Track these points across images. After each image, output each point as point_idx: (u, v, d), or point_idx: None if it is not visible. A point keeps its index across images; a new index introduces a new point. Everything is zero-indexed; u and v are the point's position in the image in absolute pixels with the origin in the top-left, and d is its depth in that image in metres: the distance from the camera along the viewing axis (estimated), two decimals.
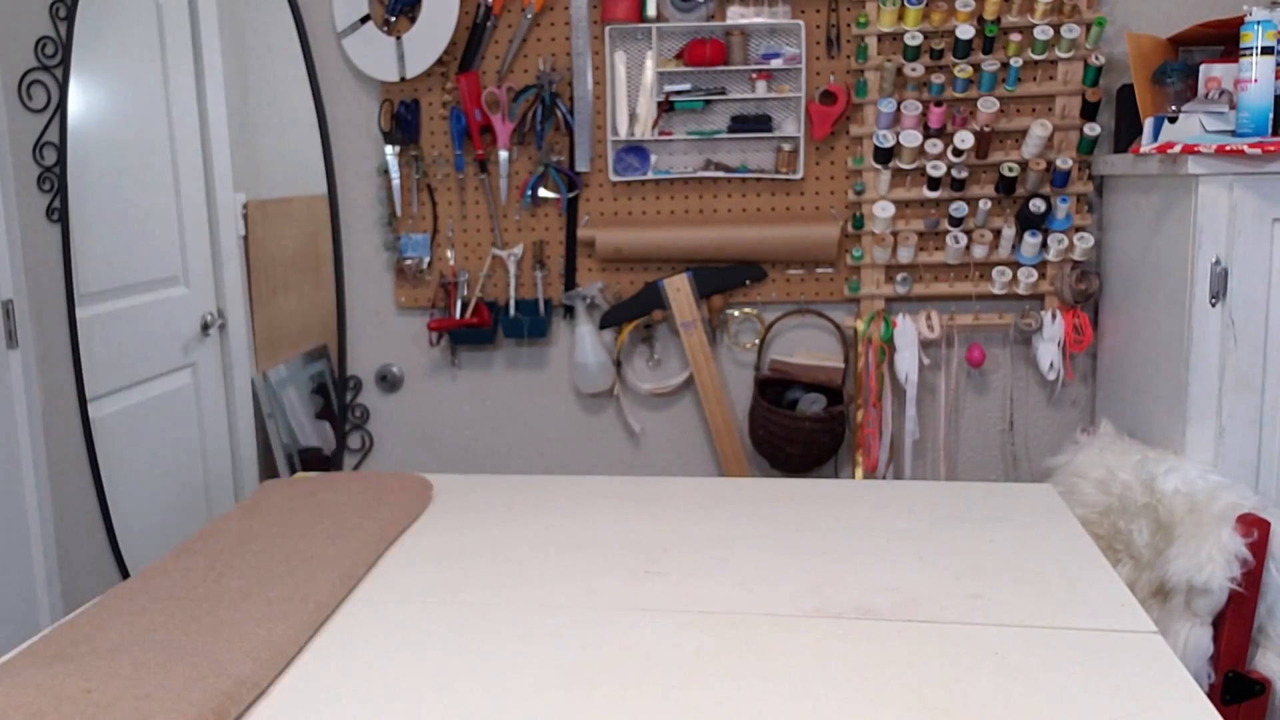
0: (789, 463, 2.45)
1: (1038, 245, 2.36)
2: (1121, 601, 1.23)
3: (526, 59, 2.50)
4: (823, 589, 1.29)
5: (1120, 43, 2.29)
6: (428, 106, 2.55)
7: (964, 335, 2.47)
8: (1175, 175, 1.95)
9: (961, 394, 2.52)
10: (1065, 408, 2.49)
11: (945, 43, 2.34)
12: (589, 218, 2.55)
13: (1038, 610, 1.21)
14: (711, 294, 2.52)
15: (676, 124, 2.47)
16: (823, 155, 2.45)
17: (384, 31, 2.49)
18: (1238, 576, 1.70)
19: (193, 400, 2.71)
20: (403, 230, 2.60)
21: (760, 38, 2.42)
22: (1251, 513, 1.72)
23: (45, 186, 2.59)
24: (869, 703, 1.02)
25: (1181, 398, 1.95)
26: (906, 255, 2.42)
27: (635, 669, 1.12)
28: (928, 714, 0.99)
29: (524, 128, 2.52)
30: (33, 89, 2.56)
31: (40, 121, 2.58)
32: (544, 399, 2.65)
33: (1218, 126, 1.95)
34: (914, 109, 2.33)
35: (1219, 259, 1.89)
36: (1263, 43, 1.85)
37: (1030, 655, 1.10)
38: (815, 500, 1.69)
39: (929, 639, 1.15)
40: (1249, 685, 1.76)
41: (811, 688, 1.05)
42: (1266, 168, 1.85)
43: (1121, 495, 1.93)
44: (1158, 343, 2.07)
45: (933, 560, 1.37)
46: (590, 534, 1.59)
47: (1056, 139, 2.34)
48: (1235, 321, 1.90)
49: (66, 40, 2.55)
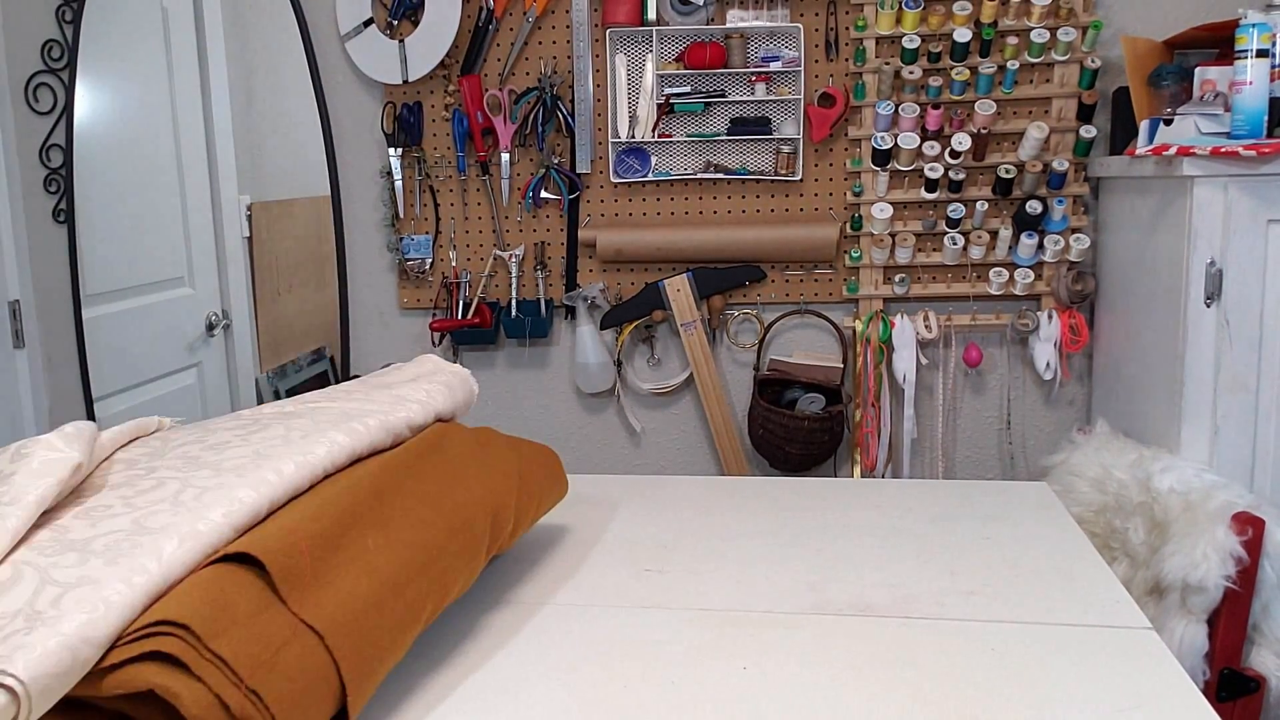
0: (788, 462, 2.47)
1: (1034, 246, 2.38)
2: (1117, 599, 1.25)
3: (528, 62, 2.52)
4: (821, 586, 1.31)
5: (1116, 46, 2.30)
6: (430, 109, 2.56)
7: (961, 335, 2.49)
8: (1170, 177, 1.96)
9: (959, 393, 2.54)
10: (1061, 407, 2.51)
11: (943, 46, 2.36)
12: (590, 219, 2.56)
13: (1034, 607, 1.23)
14: (711, 294, 2.53)
15: (676, 126, 2.49)
16: (821, 157, 2.47)
17: (387, 35, 2.51)
18: (1232, 574, 1.71)
19: (198, 400, 2.72)
20: (405, 231, 2.61)
21: (759, 41, 2.43)
22: (1246, 511, 1.74)
23: (51, 188, 2.61)
24: (867, 698, 1.03)
25: (1177, 397, 1.96)
26: (904, 256, 2.43)
27: (634, 665, 1.14)
28: (925, 709, 1.01)
29: (525, 130, 2.53)
30: (39, 91, 2.58)
31: (46, 124, 2.59)
32: (545, 399, 2.67)
33: (1213, 129, 1.96)
34: (912, 111, 2.35)
35: (1214, 260, 1.91)
36: (1257, 45, 1.86)
37: (1026, 651, 1.12)
38: (814, 499, 1.71)
39: (926, 635, 1.16)
40: (1244, 682, 1.77)
41: (810, 683, 1.06)
42: (1261, 169, 1.86)
43: (1117, 494, 1.95)
44: (1153, 343, 2.08)
45: (930, 557, 1.39)
46: (591, 531, 1.60)
47: (1053, 141, 2.36)
48: (1230, 322, 1.91)
49: (73, 43, 2.56)
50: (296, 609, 0.90)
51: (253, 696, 0.81)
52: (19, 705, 0.72)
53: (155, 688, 0.78)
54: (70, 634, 0.76)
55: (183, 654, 0.79)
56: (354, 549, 1.02)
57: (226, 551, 0.91)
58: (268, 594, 0.90)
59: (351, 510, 1.07)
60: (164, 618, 0.81)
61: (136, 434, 1.23)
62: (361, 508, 1.09)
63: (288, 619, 0.89)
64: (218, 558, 0.91)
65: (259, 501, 1.00)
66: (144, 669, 0.79)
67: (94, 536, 0.91)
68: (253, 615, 0.86)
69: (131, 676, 0.78)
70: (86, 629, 0.77)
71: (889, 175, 2.42)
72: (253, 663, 0.82)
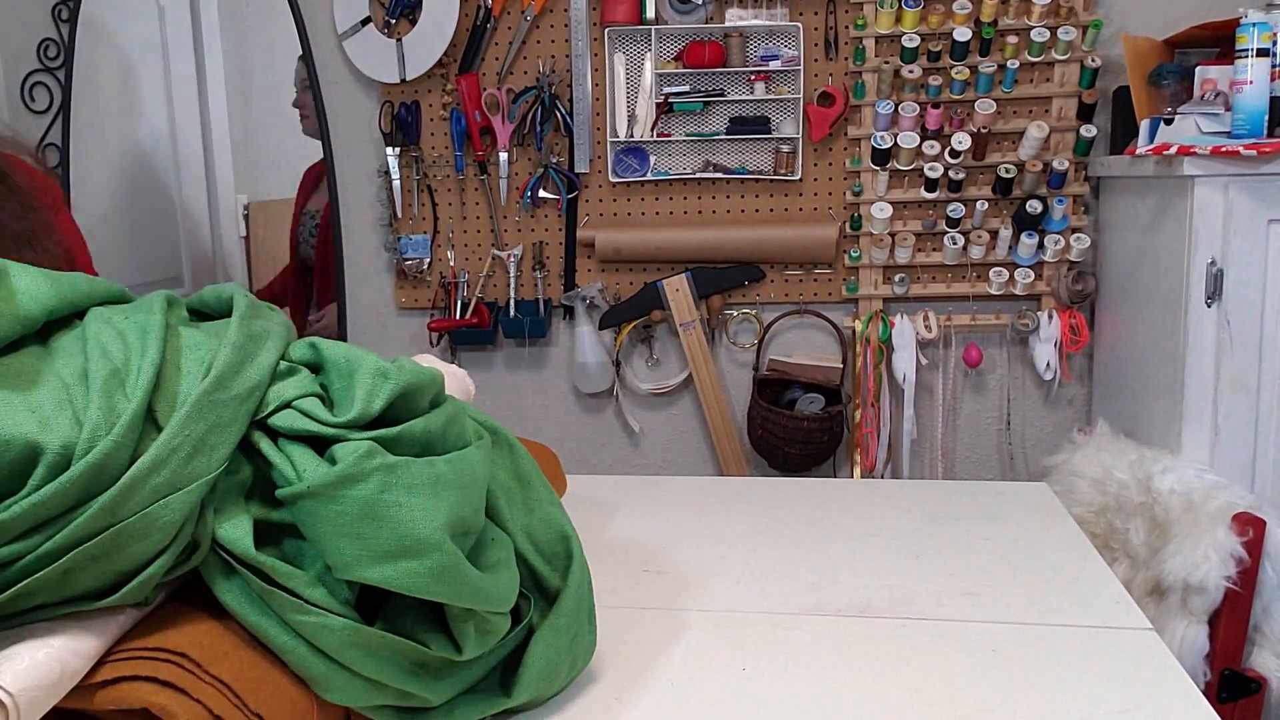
0: (787, 462, 2.46)
1: (1034, 246, 2.37)
2: (1117, 599, 1.24)
3: (526, 61, 2.51)
4: (820, 586, 1.30)
5: (1116, 45, 2.30)
6: (428, 108, 2.56)
7: (961, 335, 2.49)
8: (1171, 176, 1.96)
9: (959, 394, 2.53)
10: (1062, 407, 2.50)
11: (942, 45, 2.35)
12: (588, 218, 2.56)
13: (1034, 608, 1.22)
14: (710, 294, 2.53)
15: (675, 125, 2.48)
16: (821, 156, 2.46)
17: (384, 33, 2.50)
18: (1233, 575, 1.70)
19: None
20: (403, 231, 2.61)
21: (759, 40, 2.43)
22: (1247, 511, 1.73)
23: None
24: (866, 699, 1.03)
25: (1177, 398, 1.96)
26: (904, 256, 2.43)
27: (633, 666, 1.13)
28: (924, 709, 1.01)
29: (524, 129, 2.53)
30: (35, 90, 2.57)
31: (43, 123, 2.59)
32: (544, 398, 2.66)
33: (1213, 128, 1.96)
34: (911, 110, 2.34)
35: (1214, 260, 1.90)
36: (1258, 45, 1.86)
37: (1026, 652, 1.11)
38: (813, 499, 1.70)
39: (926, 636, 1.16)
40: (1245, 683, 1.76)
41: (809, 684, 1.06)
42: (1262, 169, 1.85)
43: (1118, 494, 1.94)
44: (1154, 343, 2.08)
45: (929, 558, 1.38)
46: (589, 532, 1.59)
47: (1053, 140, 2.35)
48: (1231, 322, 1.91)
49: (69, 42, 2.56)
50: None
51: (255, 717, 0.80)
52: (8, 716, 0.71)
53: (150, 706, 0.76)
54: (58, 645, 0.75)
55: (180, 680, 0.78)
56: None
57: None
58: None
59: None
60: (162, 645, 0.80)
61: None
62: None
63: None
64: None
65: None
66: (140, 688, 0.77)
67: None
68: (252, 640, 0.85)
69: (125, 694, 0.77)
70: (73, 639, 0.76)
71: (889, 175, 2.41)
72: (255, 684, 0.81)
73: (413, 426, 0.85)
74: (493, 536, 0.93)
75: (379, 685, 0.82)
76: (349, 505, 0.77)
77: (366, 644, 0.80)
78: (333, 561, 0.79)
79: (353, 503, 0.78)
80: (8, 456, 0.70)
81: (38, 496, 0.70)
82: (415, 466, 0.82)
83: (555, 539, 1.02)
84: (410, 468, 0.81)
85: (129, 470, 0.72)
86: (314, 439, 0.82)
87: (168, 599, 0.84)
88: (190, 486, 0.75)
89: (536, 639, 0.95)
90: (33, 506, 0.69)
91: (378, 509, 0.78)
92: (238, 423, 0.79)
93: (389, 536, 0.78)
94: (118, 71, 2.62)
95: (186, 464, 0.75)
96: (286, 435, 0.82)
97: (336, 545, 0.78)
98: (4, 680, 0.72)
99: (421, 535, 0.79)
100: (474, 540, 0.89)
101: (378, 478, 0.79)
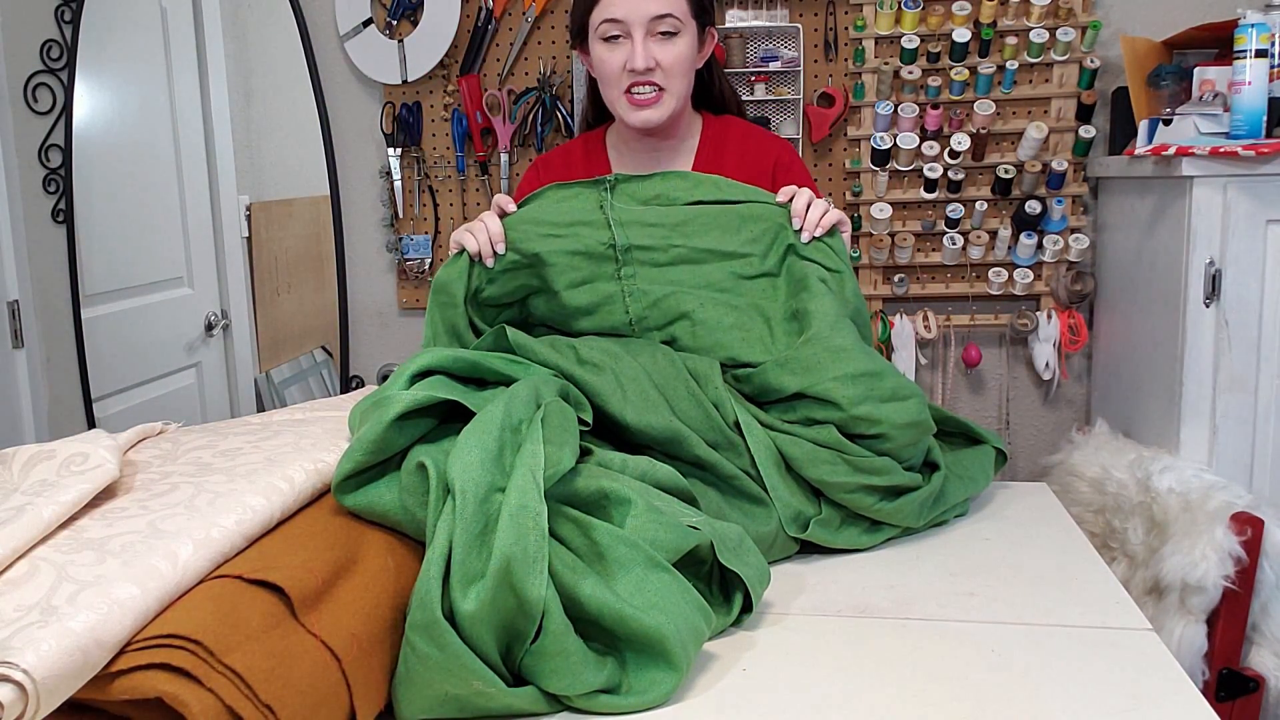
0: None
1: (1033, 246, 2.38)
2: (1116, 599, 1.25)
3: (527, 62, 2.52)
4: (821, 587, 1.31)
5: (1115, 46, 2.30)
6: (429, 109, 2.56)
7: (960, 335, 2.49)
8: (1170, 177, 1.96)
9: (958, 393, 2.54)
10: (1061, 407, 2.51)
11: (942, 46, 2.36)
12: None
13: (1033, 607, 1.23)
14: None
15: None
16: (820, 157, 2.47)
17: (386, 35, 2.51)
18: (1232, 574, 1.71)
19: (197, 400, 2.72)
20: (405, 231, 2.61)
21: (758, 41, 2.43)
22: (1245, 511, 1.74)
23: (51, 188, 2.61)
24: (866, 699, 1.03)
25: (1176, 397, 1.96)
26: (904, 256, 2.44)
27: None
28: (924, 710, 1.01)
29: (525, 130, 2.53)
30: (38, 91, 2.58)
31: (46, 124, 2.59)
32: None
33: (1212, 129, 1.96)
34: (911, 111, 2.35)
35: (1213, 260, 1.91)
36: (1256, 45, 1.87)
37: (1026, 652, 1.12)
38: None
39: (925, 636, 1.16)
40: (1243, 682, 1.77)
41: (807, 684, 1.07)
42: (1260, 169, 1.86)
43: (1116, 494, 1.95)
44: (1152, 343, 2.09)
45: (928, 558, 1.39)
46: None
47: (1052, 141, 2.36)
48: (1229, 322, 1.92)
49: (72, 43, 2.56)
50: (310, 625, 0.90)
51: (266, 710, 0.80)
52: (26, 701, 0.71)
53: (164, 695, 0.77)
54: (82, 633, 0.76)
55: (194, 668, 0.79)
56: (370, 568, 1.02)
57: (244, 575, 0.91)
58: (280, 609, 0.90)
59: (364, 529, 1.08)
60: (175, 631, 0.81)
61: (142, 437, 1.24)
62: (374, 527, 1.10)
63: (301, 635, 0.89)
64: (232, 574, 0.91)
65: (270, 509, 1.01)
66: (153, 676, 0.78)
67: (110, 536, 0.91)
68: (266, 630, 0.86)
69: (139, 683, 0.78)
70: (98, 630, 0.77)
71: (888, 175, 2.42)
72: (267, 676, 0.82)
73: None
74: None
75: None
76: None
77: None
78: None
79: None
80: None
81: None
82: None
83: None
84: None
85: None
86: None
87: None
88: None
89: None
90: None
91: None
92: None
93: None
94: (120, 73, 2.63)
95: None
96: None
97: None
98: (27, 662, 0.72)
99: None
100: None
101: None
